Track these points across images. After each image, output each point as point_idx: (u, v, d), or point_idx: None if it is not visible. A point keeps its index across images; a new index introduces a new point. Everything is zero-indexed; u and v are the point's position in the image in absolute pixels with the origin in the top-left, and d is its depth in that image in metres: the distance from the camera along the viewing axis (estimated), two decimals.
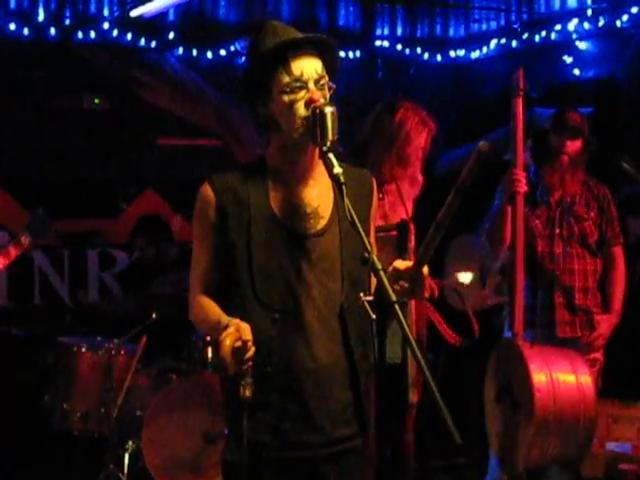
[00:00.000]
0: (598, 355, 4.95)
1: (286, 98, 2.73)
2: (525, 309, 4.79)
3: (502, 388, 4.49)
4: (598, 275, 5.01)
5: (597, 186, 5.03)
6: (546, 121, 4.99)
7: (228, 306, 2.80)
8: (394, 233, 4.09)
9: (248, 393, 2.59)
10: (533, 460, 4.33)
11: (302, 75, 2.72)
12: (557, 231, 4.95)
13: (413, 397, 4.32)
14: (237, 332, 2.57)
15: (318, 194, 2.85)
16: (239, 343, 2.55)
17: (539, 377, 4.26)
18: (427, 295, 4.65)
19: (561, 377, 4.30)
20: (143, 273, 6.63)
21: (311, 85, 2.72)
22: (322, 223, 2.84)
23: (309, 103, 2.69)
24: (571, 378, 4.33)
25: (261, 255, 2.78)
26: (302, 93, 2.72)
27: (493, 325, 6.19)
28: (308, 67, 2.73)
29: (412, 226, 4.23)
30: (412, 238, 4.33)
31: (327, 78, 2.78)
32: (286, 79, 2.73)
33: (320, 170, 2.78)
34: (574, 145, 4.90)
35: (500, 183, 4.98)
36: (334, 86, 2.80)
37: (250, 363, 2.58)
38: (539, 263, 4.91)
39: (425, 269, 2.69)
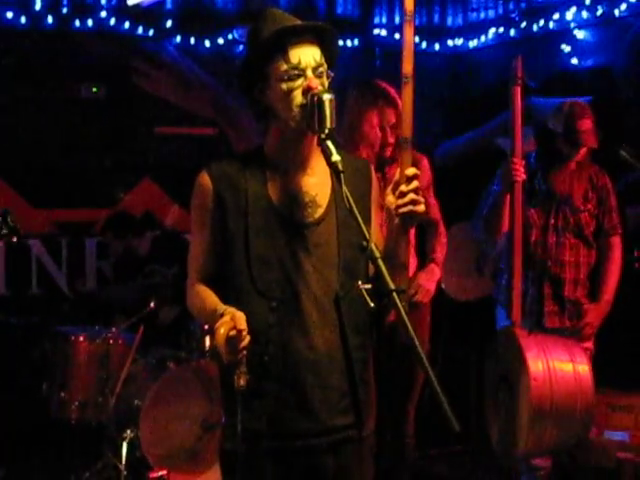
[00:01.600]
0: (589, 344, 4.93)
1: (284, 86, 2.72)
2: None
3: (500, 376, 4.50)
4: (591, 267, 4.99)
5: (598, 175, 4.99)
6: (553, 122, 4.91)
7: (226, 294, 2.80)
8: None
9: (242, 382, 2.59)
10: (530, 448, 4.33)
11: (300, 63, 2.71)
12: (552, 221, 4.93)
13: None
14: (232, 321, 2.57)
15: (316, 182, 2.85)
16: (233, 332, 2.55)
17: (536, 366, 4.27)
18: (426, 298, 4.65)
19: (558, 366, 4.31)
20: (135, 264, 6.63)
21: (309, 73, 2.71)
22: (320, 211, 2.83)
23: (307, 91, 2.68)
24: (568, 367, 4.33)
25: (259, 243, 2.78)
26: (300, 81, 2.71)
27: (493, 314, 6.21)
28: (306, 55, 2.72)
29: None
30: (412, 232, 4.32)
31: (326, 66, 2.77)
32: (284, 67, 2.72)
33: (318, 158, 2.77)
34: (583, 152, 4.90)
35: (499, 169, 4.96)
36: (333, 74, 2.79)
37: (245, 352, 2.57)
38: (531, 253, 4.89)
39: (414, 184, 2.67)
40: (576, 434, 4.36)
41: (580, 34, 7.06)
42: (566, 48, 7.12)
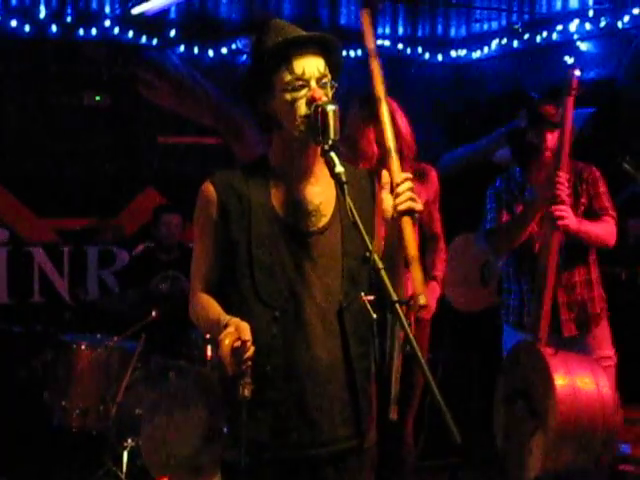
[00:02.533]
0: (610, 352, 4.75)
1: (288, 96, 2.73)
2: (522, 310, 4.73)
3: (517, 391, 4.39)
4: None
5: (584, 168, 4.80)
6: (520, 120, 4.83)
7: (229, 304, 2.79)
8: None
9: (247, 393, 2.58)
10: (546, 469, 4.22)
11: (304, 73, 2.71)
12: None
13: (393, 414, 4.22)
14: (236, 332, 2.56)
15: (320, 192, 2.85)
16: (238, 343, 2.54)
17: (562, 387, 4.15)
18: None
19: (583, 387, 4.20)
20: (142, 271, 6.62)
21: (313, 83, 2.71)
22: (324, 221, 2.83)
23: (311, 101, 2.69)
24: (592, 388, 4.22)
25: (262, 253, 2.78)
26: (304, 91, 2.71)
27: (496, 325, 6.19)
28: (310, 65, 2.73)
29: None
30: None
31: (330, 77, 2.77)
32: (288, 77, 2.72)
33: (322, 168, 2.77)
34: (554, 138, 4.67)
35: (490, 187, 4.89)
36: (337, 85, 2.80)
37: (249, 363, 2.57)
38: (537, 264, 4.77)
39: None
40: (596, 457, 4.25)
41: (583, 46, 7.07)
42: (569, 59, 7.13)
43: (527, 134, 4.74)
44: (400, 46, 7.97)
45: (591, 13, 6.92)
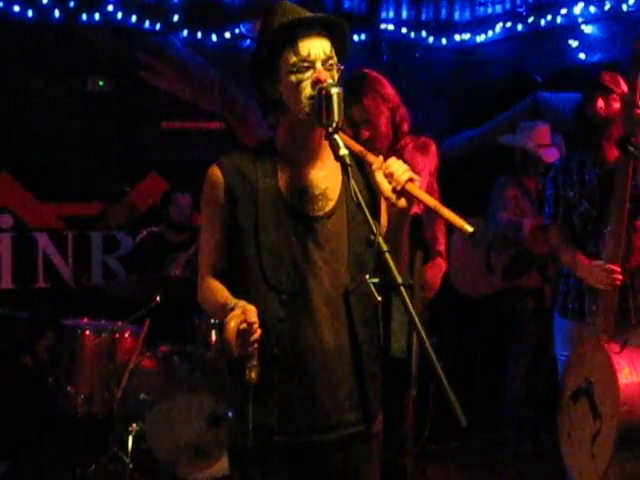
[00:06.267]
0: None
1: (293, 78, 2.72)
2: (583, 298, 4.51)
3: (581, 390, 4.21)
4: None
5: None
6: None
7: (236, 288, 2.80)
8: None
9: (254, 376, 2.58)
10: (607, 476, 3.99)
11: (309, 55, 2.71)
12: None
13: (412, 392, 4.21)
14: (243, 314, 2.56)
15: (326, 176, 2.84)
16: (244, 325, 2.55)
17: (627, 387, 3.96)
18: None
19: None
20: (148, 255, 6.62)
21: (318, 65, 2.71)
22: (330, 205, 2.83)
23: (316, 83, 2.68)
24: None
25: (269, 237, 2.78)
26: (309, 73, 2.71)
27: (502, 311, 6.19)
28: (316, 47, 2.72)
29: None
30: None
31: (335, 59, 2.76)
32: (293, 59, 2.72)
33: (329, 151, 2.74)
34: (611, 104, 4.63)
35: (552, 172, 4.73)
36: (342, 67, 2.79)
37: (256, 345, 2.57)
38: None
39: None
40: None
41: (588, 29, 7.03)
42: (573, 43, 7.09)
43: (585, 108, 4.62)
44: (404, 30, 7.94)
45: None
